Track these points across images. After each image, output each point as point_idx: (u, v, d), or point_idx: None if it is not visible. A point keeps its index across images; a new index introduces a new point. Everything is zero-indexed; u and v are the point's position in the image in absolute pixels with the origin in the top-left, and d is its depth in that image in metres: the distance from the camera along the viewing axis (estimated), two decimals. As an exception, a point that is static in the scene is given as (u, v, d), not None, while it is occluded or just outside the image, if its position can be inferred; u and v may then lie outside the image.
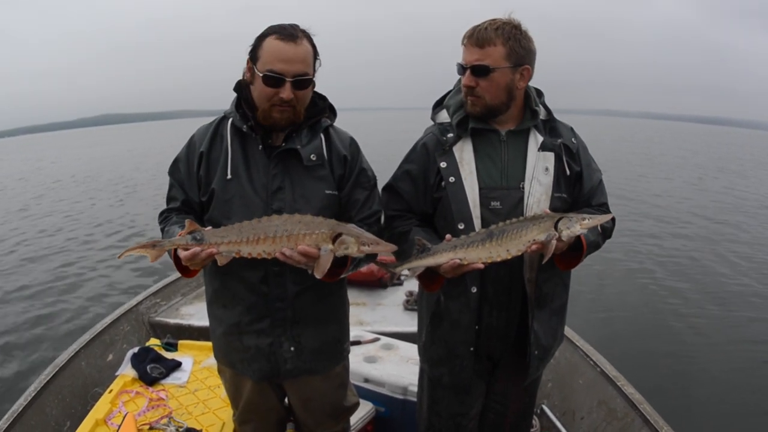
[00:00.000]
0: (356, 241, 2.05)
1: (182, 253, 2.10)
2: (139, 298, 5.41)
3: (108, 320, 4.83)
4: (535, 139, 2.44)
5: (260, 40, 2.22)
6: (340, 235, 2.05)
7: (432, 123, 2.61)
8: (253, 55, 2.25)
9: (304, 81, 2.24)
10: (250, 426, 2.80)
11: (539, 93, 2.52)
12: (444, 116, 2.54)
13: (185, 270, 2.25)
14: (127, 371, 3.76)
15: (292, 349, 2.50)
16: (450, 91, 2.59)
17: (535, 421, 3.99)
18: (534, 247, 2.15)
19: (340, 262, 2.23)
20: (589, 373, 4.14)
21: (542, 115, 2.48)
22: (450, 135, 2.45)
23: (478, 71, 2.30)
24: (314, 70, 2.29)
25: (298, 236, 2.04)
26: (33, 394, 3.67)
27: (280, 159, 2.34)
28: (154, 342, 4.21)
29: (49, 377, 3.87)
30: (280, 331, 2.46)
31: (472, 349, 2.55)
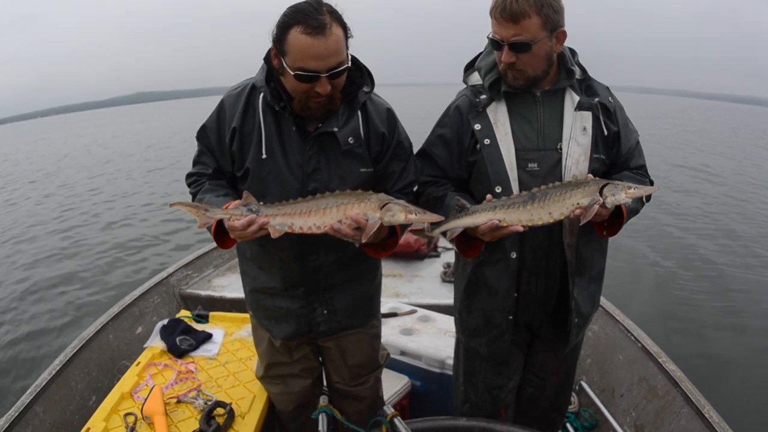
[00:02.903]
0: (403, 209, 2.08)
1: (236, 223, 2.11)
2: (170, 270, 5.43)
3: (137, 292, 4.84)
4: (572, 98, 2.37)
5: (284, 30, 2.10)
6: (387, 204, 2.09)
7: (464, 86, 2.55)
8: (280, 48, 2.15)
9: (339, 72, 2.16)
10: (278, 387, 2.86)
11: (573, 52, 2.42)
12: (476, 78, 2.48)
13: (222, 241, 2.26)
14: (155, 343, 3.72)
15: (325, 312, 2.59)
16: (481, 53, 2.50)
17: (574, 398, 3.95)
18: (578, 211, 2.09)
19: (389, 237, 2.31)
20: (629, 348, 4.05)
21: (578, 74, 2.40)
22: (483, 97, 2.41)
23: (518, 47, 2.22)
24: (347, 51, 2.19)
25: (347, 206, 2.09)
26: (58, 368, 3.67)
27: (316, 140, 2.32)
28: (184, 314, 4.17)
29: (75, 350, 3.89)
30: (314, 297, 2.55)
31: (510, 317, 2.50)
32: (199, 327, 3.98)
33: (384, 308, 4.14)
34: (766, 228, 12.39)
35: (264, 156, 2.31)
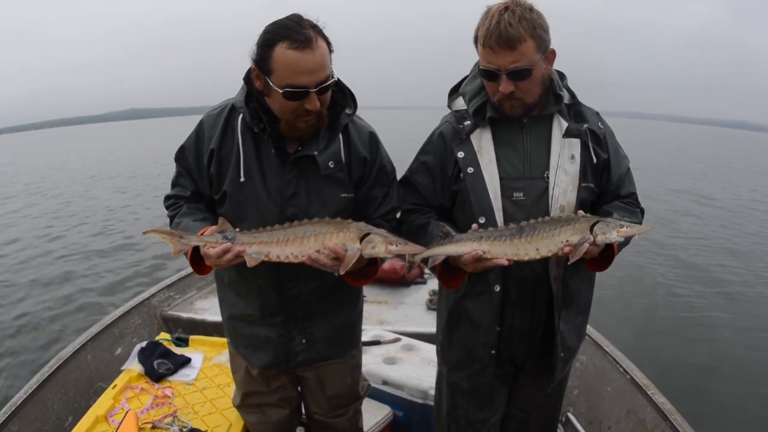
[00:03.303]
0: (384, 240, 2.04)
1: (210, 251, 2.07)
2: (152, 290, 5.36)
3: (118, 313, 4.78)
4: (560, 124, 2.31)
5: (268, 48, 2.07)
6: (367, 235, 2.05)
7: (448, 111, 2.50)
8: (264, 67, 2.11)
9: (327, 86, 2.15)
10: (255, 416, 2.80)
11: (562, 76, 2.38)
12: (460, 103, 2.43)
13: (199, 267, 2.21)
14: (133, 366, 3.67)
15: (303, 341, 2.53)
16: (466, 77, 2.46)
17: (560, 430, 3.85)
18: (566, 249, 2.04)
19: (368, 268, 2.28)
20: (618, 380, 3.98)
21: (566, 99, 2.35)
22: (467, 123, 2.35)
23: (518, 75, 2.15)
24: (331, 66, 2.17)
25: (325, 236, 2.05)
26: (34, 387, 3.60)
27: (296, 164, 2.28)
28: (163, 336, 4.11)
29: (53, 369, 3.82)
30: (292, 326, 2.50)
31: (493, 352, 2.43)
32: (178, 350, 3.92)
33: (367, 336, 4.12)
34: (761, 258, 12.34)
35: (242, 179, 2.27)
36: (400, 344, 4.12)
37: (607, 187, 2.37)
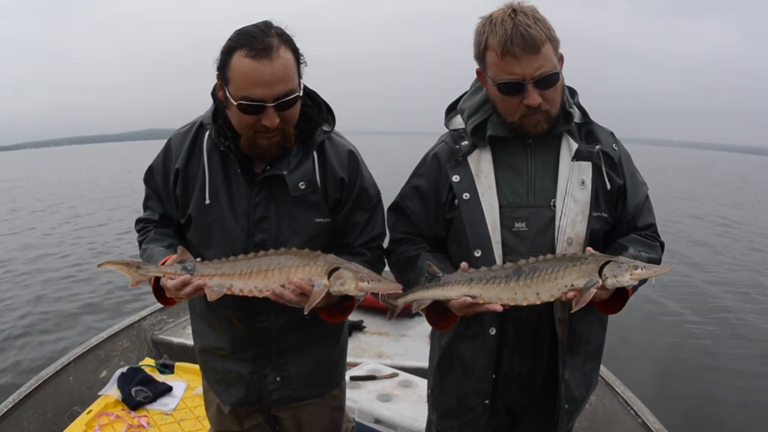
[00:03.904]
0: (354, 276, 1.88)
1: (169, 282, 1.94)
2: (144, 313, 5.19)
3: (105, 334, 4.64)
4: (568, 146, 2.09)
5: (227, 55, 1.93)
6: (336, 269, 1.89)
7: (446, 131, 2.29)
8: (223, 75, 1.96)
9: (288, 102, 1.96)
10: None
11: (572, 92, 2.17)
12: (458, 122, 2.22)
13: (164, 297, 2.07)
14: (111, 392, 3.56)
15: (277, 379, 2.34)
16: (465, 93, 2.26)
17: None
18: (570, 294, 1.84)
19: (345, 302, 2.12)
20: (629, 423, 3.74)
21: (577, 117, 2.13)
22: (464, 143, 2.13)
23: (545, 82, 1.93)
24: (300, 79, 2.00)
25: (290, 269, 1.91)
26: (10, 406, 3.49)
27: (264, 184, 2.12)
28: (147, 362, 3.97)
29: (30, 389, 3.69)
30: (265, 362, 2.32)
31: (487, 401, 2.20)
32: (161, 377, 3.81)
33: (363, 370, 3.96)
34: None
35: (207, 201, 2.13)
36: (397, 380, 3.93)
37: (622, 217, 2.14)
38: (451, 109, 2.28)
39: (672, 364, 7.71)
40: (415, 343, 5.11)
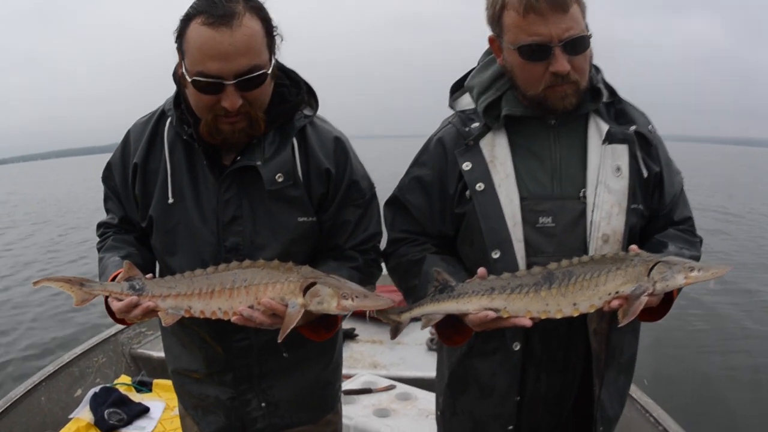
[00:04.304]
0: (334, 293, 1.63)
1: (115, 305, 1.71)
2: (120, 325, 4.85)
3: (79, 350, 4.40)
4: (597, 127, 1.82)
5: (184, 23, 1.67)
6: (312, 285, 1.64)
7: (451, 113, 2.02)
8: (180, 46, 1.71)
9: (252, 79, 1.68)
10: None
11: (596, 68, 1.90)
12: (466, 101, 1.95)
13: (121, 318, 1.81)
14: (82, 414, 3.34)
15: (262, 405, 2.04)
16: (471, 70, 1.99)
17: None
18: (614, 303, 1.58)
19: (329, 320, 1.84)
20: None
21: (605, 96, 1.85)
22: (475, 125, 1.87)
23: (574, 46, 1.68)
24: (271, 55, 1.74)
25: (258, 287, 1.66)
26: None
27: (234, 179, 1.84)
28: (123, 380, 3.72)
29: None
30: (246, 387, 2.02)
31: (511, 427, 1.92)
32: (137, 397, 3.63)
33: (357, 383, 3.75)
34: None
35: (170, 200, 1.86)
36: (394, 393, 3.69)
37: (659, 209, 1.88)
38: (457, 88, 2.01)
39: (684, 368, 7.37)
40: (411, 350, 4.86)
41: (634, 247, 1.65)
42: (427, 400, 3.57)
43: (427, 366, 4.34)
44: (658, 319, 1.78)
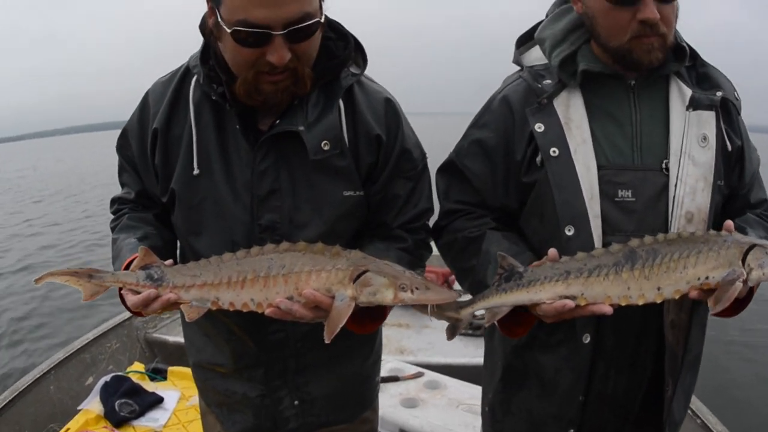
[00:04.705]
0: (391, 283, 1.43)
1: (130, 298, 1.51)
2: None
3: (91, 335, 4.25)
4: (680, 91, 1.63)
5: None
6: (364, 273, 1.44)
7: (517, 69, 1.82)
8: None
9: (304, 29, 1.47)
10: None
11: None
12: (536, 55, 1.75)
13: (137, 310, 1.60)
14: (92, 405, 3.28)
15: (296, 403, 1.87)
16: (541, 22, 1.78)
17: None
18: (694, 293, 1.42)
19: (376, 310, 1.60)
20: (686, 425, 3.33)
21: (688, 56, 1.66)
22: (548, 82, 1.68)
23: None
24: (321, 3, 1.54)
25: (300, 276, 1.45)
26: None
27: (272, 146, 1.64)
28: (136, 368, 3.61)
29: (5, 402, 3.36)
30: (279, 383, 1.84)
31: (572, 430, 1.73)
32: (150, 386, 3.54)
33: (383, 370, 3.51)
34: None
35: (196, 171, 1.65)
36: (422, 380, 3.57)
37: (738, 189, 1.69)
38: (525, 41, 1.79)
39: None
40: (440, 335, 4.65)
41: (729, 223, 1.45)
42: (457, 389, 3.45)
43: (457, 352, 4.33)
44: (731, 315, 1.55)
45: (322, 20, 1.51)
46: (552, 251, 1.48)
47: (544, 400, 1.77)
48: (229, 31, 1.43)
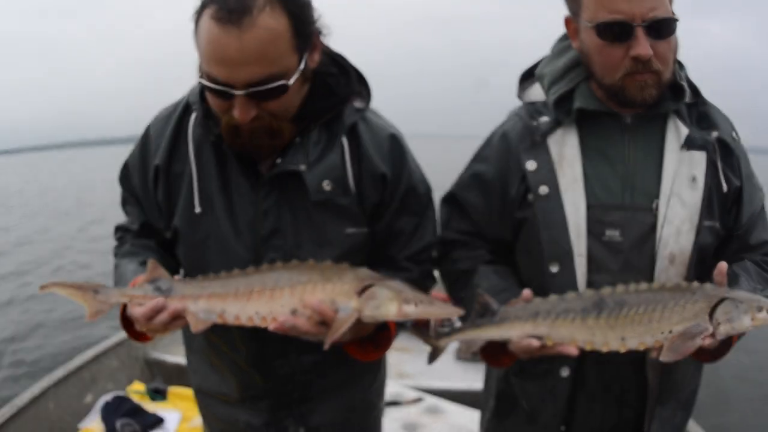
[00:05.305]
0: (395, 296, 1.46)
1: (137, 310, 1.47)
2: None
3: (90, 354, 4.23)
4: (676, 130, 1.64)
5: (200, 10, 1.44)
6: (369, 287, 1.47)
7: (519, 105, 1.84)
8: (196, 36, 1.48)
9: (267, 91, 1.44)
10: None
11: (680, 65, 1.70)
12: (537, 92, 1.77)
13: (136, 332, 1.59)
14: (92, 425, 3.20)
15: (300, 431, 1.86)
16: (543, 58, 1.80)
17: None
18: (667, 341, 1.45)
19: (381, 332, 1.66)
20: None
21: (687, 96, 1.66)
22: (544, 119, 1.70)
23: (660, 29, 1.51)
24: (301, 57, 1.49)
25: (306, 287, 1.46)
26: None
27: (274, 186, 1.63)
28: (136, 388, 3.60)
29: (3, 420, 3.32)
30: (285, 413, 1.83)
31: None
32: (151, 407, 3.51)
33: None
34: None
35: (198, 210, 1.64)
36: (423, 405, 3.63)
37: (734, 229, 1.70)
38: (527, 77, 1.82)
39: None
40: (440, 359, 4.66)
41: (722, 265, 1.47)
42: (458, 414, 3.49)
43: (457, 377, 4.33)
44: (712, 360, 1.61)
45: (293, 80, 1.46)
46: (526, 292, 1.54)
47: (529, 427, 1.81)
48: (198, 79, 1.46)
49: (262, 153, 1.58)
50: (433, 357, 1.67)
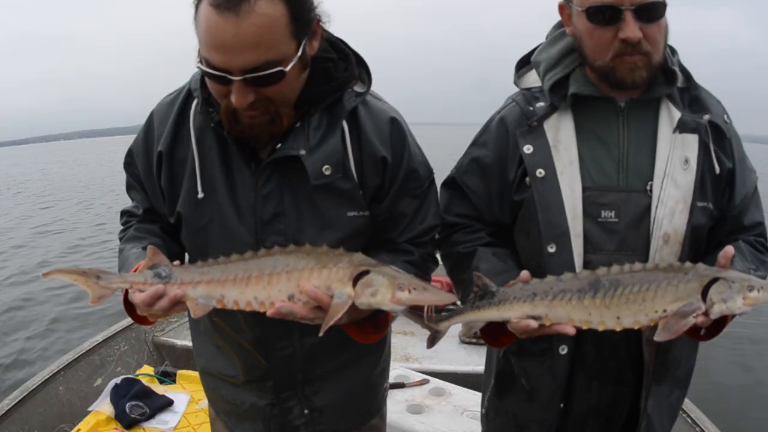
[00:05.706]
0: (389, 283, 1.45)
1: (137, 296, 1.49)
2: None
3: (100, 337, 4.30)
4: (669, 114, 1.68)
5: (199, 0, 1.45)
6: (365, 273, 1.46)
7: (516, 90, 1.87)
8: (196, 24, 1.49)
9: (264, 77, 1.45)
10: None
11: (672, 50, 1.74)
12: (533, 78, 1.81)
13: (140, 317, 1.61)
14: (102, 407, 3.29)
15: (305, 412, 1.88)
16: (539, 45, 1.84)
17: None
18: (661, 320, 1.47)
19: (378, 319, 1.66)
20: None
21: (680, 80, 1.70)
22: (540, 104, 1.74)
23: (649, 12, 1.54)
24: (299, 43, 1.49)
25: (302, 273, 1.47)
26: None
27: (274, 170, 1.64)
28: (145, 371, 3.65)
29: (15, 402, 3.38)
30: (289, 393, 1.85)
31: None
32: (160, 389, 3.53)
33: (390, 376, 3.55)
34: None
35: (200, 195, 1.66)
36: (427, 387, 3.59)
37: (727, 210, 1.73)
38: (524, 64, 1.86)
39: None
40: (444, 343, 4.65)
41: (729, 249, 1.49)
42: (462, 396, 3.48)
43: (460, 360, 4.40)
44: (707, 338, 1.64)
45: (290, 66, 1.46)
46: (524, 273, 1.56)
47: (528, 405, 1.85)
48: (197, 65, 1.48)
49: (261, 139, 1.59)
50: (432, 341, 1.69)
